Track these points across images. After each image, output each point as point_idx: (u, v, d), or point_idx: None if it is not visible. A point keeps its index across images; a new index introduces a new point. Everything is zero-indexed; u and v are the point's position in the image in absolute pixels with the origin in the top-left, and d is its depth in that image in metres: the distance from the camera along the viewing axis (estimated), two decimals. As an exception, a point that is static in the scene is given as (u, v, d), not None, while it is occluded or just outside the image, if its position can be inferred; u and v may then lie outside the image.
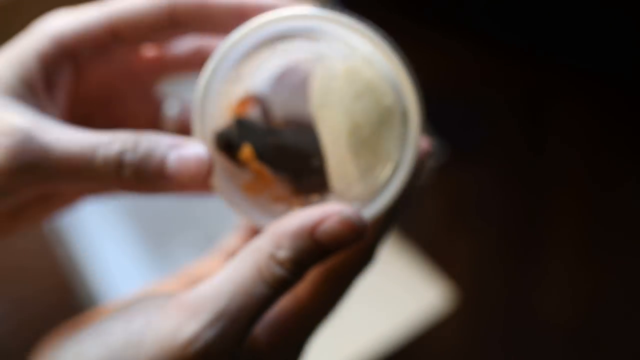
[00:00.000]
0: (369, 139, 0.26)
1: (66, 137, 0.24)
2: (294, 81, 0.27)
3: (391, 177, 0.26)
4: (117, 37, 0.27)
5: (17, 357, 0.68)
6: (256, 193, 0.27)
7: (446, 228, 0.78)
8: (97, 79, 0.29)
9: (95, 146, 0.24)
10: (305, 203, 0.27)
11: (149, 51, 0.30)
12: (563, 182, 0.84)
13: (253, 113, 0.27)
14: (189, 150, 0.24)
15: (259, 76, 0.27)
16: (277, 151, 0.27)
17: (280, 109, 0.27)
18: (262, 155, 0.27)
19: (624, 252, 0.79)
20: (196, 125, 0.26)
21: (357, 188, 0.26)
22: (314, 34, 0.26)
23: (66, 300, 0.70)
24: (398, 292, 0.62)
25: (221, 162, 0.27)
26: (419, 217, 0.80)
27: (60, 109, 0.27)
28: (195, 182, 0.24)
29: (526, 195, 0.83)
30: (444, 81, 0.90)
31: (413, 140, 0.25)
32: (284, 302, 0.26)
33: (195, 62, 0.31)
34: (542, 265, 0.78)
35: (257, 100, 0.27)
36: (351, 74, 0.26)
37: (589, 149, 0.87)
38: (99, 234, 0.64)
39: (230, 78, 0.26)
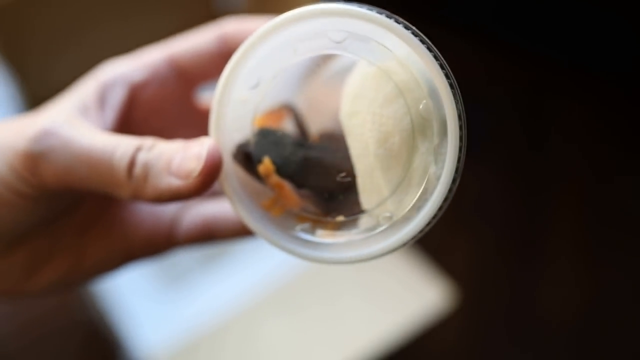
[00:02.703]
0: (400, 150, 0.22)
1: (92, 134, 0.24)
2: (324, 86, 0.24)
3: (427, 195, 0.22)
4: (175, 69, 0.28)
5: (18, 357, 0.68)
6: (277, 211, 0.24)
7: (446, 227, 0.78)
8: (151, 105, 0.29)
9: (117, 144, 0.24)
10: (331, 224, 0.24)
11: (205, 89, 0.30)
12: (564, 179, 0.84)
13: (286, 125, 0.24)
14: (193, 147, 0.24)
15: (282, 82, 0.24)
16: (301, 166, 0.24)
17: (314, 120, 0.24)
18: (283, 169, 0.24)
19: (625, 249, 0.79)
20: (212, 133, 0.24)
21: (389, 206, 0.23)
22: (343, 33, 0.22)
23: (67, 302, 0.70)
24: (398, 291, 0.62)
25: (242, 178, 0.24)
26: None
27: (108, 125, 0.27)
28: (193, 179, 0.23)
29: (527, 194, 0.83)
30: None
31: (452, 154, 0.22)
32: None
33: None
34: (543, 264, 0.78)
35: (290, 111, 0.25)
36: (381, 76, 0.22)
37: (590, 147, 0.87)
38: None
39: (251, 83, 0.24)
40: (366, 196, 0.23)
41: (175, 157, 0.23)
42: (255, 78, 0.24)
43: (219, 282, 0.63)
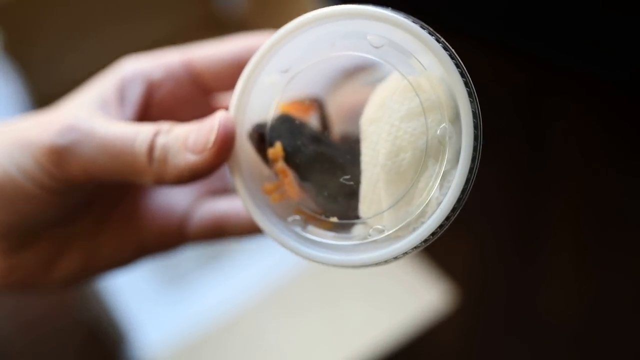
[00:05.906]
0: (408, 167, 0.22)
1: (113, 124, 0.25)
2: (355, 91, 0.24)
3: (424, 218, 0.22)
4: (191, 73, 0.28)
5: (18, 357, 0.68)
6: (275, 198, 0.24)
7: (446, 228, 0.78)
8: (165, 105, 0.29)
9: (137, 132, 0.25)
10: (324, 222, 0.24)
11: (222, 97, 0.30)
12: (564, 179, 0.84)
13: (311, 118, 0.24)
14: (207, 121, 0.24)
15: (314, 76, 0.24)
16: (309, 159, 0.24)
17: (338, 121, 0.24)
18: (292, 157, 0.24)
19: (625, 249, 0.79)
20: (232, 110, 0.24)
21: (385, 220, 0.23)
22: (382, 39, 0.23)
23: (67, 302, 0.70)
24: (398, 292, 0.62)
25: (251, 158, 0.24)
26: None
27: (128, 120, 0.28)
28: (209, 151, 0.23)
29: (527, 194, 0.83)
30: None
31: (458, 185, 0.22)
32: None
33: None
34: (543, 264, 0.78)
35: (317, 105, 0.25)
36: (409, 91, 0.22)
37: (590, 147, 0.87)
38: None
39: (282, 67, 0.24)
40: (365, 204, 0.23)
41: (191, 134, 0.24)
42: (287, 63, 0.24)
43: (219, 282, 0.63)
